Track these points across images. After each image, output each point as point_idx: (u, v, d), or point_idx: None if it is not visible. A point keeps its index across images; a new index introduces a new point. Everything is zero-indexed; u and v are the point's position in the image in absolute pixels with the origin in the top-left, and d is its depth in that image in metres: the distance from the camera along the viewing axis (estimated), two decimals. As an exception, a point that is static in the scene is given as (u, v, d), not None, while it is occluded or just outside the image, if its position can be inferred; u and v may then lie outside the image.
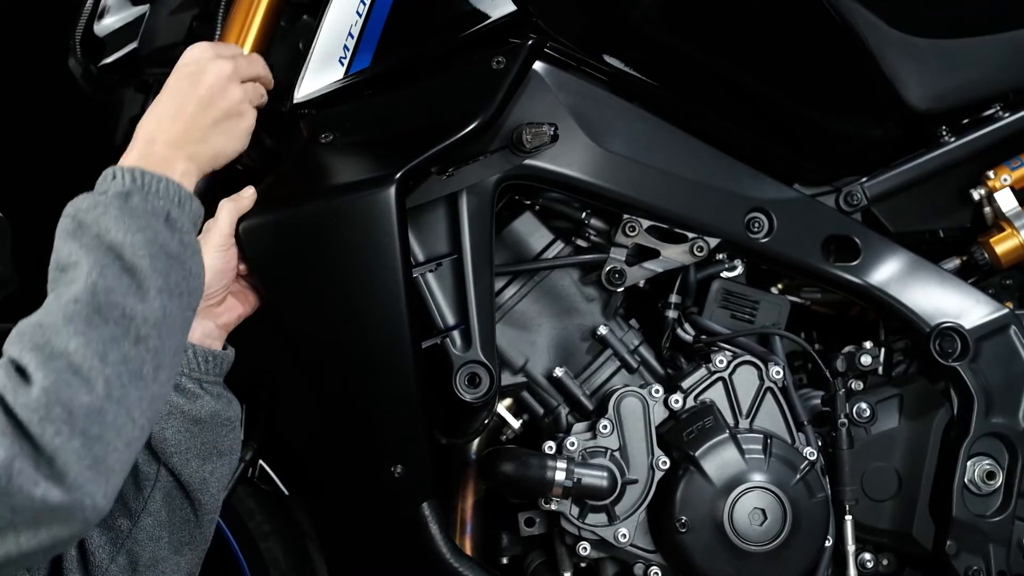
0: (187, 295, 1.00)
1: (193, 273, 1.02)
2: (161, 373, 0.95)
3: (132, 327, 0.93)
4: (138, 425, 0.92)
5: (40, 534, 0.87)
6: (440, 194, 1.35)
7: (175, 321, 0.98)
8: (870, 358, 1.49)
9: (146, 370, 0.93)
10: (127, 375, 0.91)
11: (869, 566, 1.48)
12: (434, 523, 1.39)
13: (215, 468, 1.20)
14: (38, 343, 0.90)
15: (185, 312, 1.00)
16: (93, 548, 1.17)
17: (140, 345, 0.93)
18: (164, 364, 0.95)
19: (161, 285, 0.96)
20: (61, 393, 0.87)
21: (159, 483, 1.18)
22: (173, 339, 0.97)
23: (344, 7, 1.35)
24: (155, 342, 0.94)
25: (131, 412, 0.91)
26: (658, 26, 1.42)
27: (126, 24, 1.47)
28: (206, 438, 1.19)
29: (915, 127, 1.51)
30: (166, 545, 1.19)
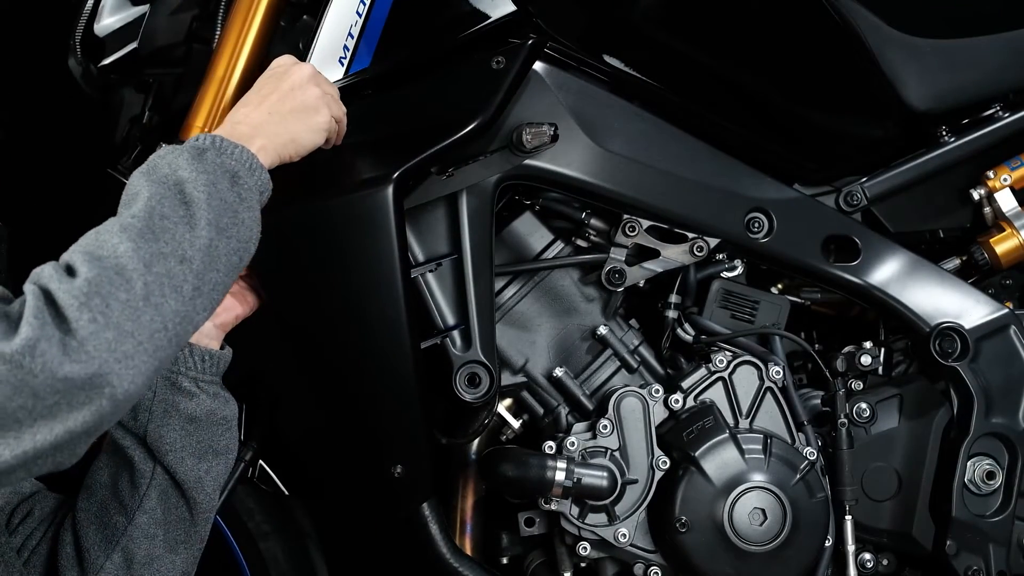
0: (235, 240, 1.05)
1: (244, 223, 1.06)
2: (199, 298, 0.99)
3: (179, 248, 0.98)
4: (169, 335, 0.95)
5: (56, 426, 0.89)
6: (440, 194, 1.35)
7: (219, 257, 1.02)
8: (870, 358, 1.49)
9: (186, 288, 0.98)
10: (168, 287, 0.96)
11: (869, 566, 1.48)
12: (434, 523, 1.39)
13: (211, 467, 1.21)
14: (89, 247, 0.95)
15: (231, 257, 1.04)
16: (88, 546, 1.18)
17: (184, 264, 0.98)
18: (203, 290, 1.00)
19: (211, 219, 1.02)
20: (103, 286, 0.92)
21: (155, 481, 1.19)
22: (215, 272, 1.02)
23: (344, 7, 1.35)
24: (198, 265, 0.99)
25: (166, 321, 0.95)
26: (658, 26, 1.42)
27: (126, 24, 1.47)
28: (201, 437, 1.20)
29: (915, 127, 1.51)
30: (161, 543, 1.19)
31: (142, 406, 1.17)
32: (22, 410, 0.87)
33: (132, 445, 1.18)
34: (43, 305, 0.89)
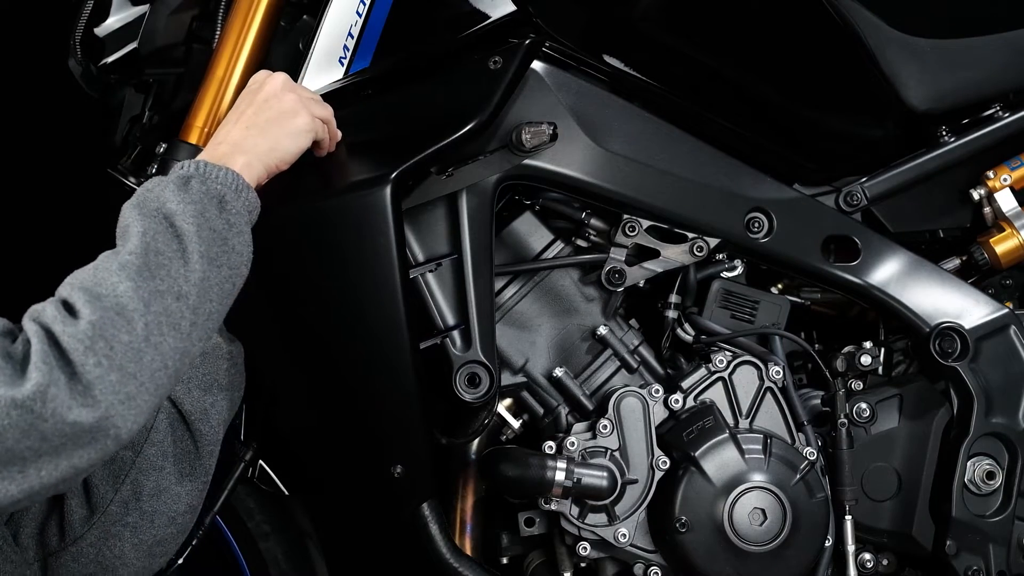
0: (226, 268, 1.07)
1: (234, 250, 1.08)
2: (196, 331, 1.02)
3: (176, 285, 1.01)
4: (169, 372, 0.98)
5: (61, 463, 0.92)
6: (440, 194, 1.35)
7: (212, 288, 1.05)
8: (870, 358, 1.49)
9: (184, 324, 1.00)
10: (167, 325, 0.99)
11: (869, 566, 1.48)
12: (434, 523, 1.39)
13: (215, 400, 1.26)
14: (88, 285, 0.97)
15: (223, 285, 1.06)
16: (96, 481, 1.21)
17: (181, 301, 1.01)
18: (199, 323, 1.02)
19: (203, 251, 1.04)
20: (106, 329, 0.94)
21: (162, 413, 1.23)
22: (210, 303, 1.04)
23: (344, 7, 1.35)
24: (194, 300, 1.02)
25: (165, 359, 0.98)
26: (658, 26, 1.42)
27: (126, 24, 1.47)
28: (207, 370, 1.25)
29: (915, 127, 1.51)
30: (168, 475, 1.23)
31: None
32: (29, 450, 0.91)
33: None
34: (48, 348, 0.92)
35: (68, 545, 1.19)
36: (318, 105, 1.27)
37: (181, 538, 1.28)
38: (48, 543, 1.20)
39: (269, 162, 1.19)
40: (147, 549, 1.23)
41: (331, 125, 1.29)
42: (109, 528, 1.20)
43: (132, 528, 1.22)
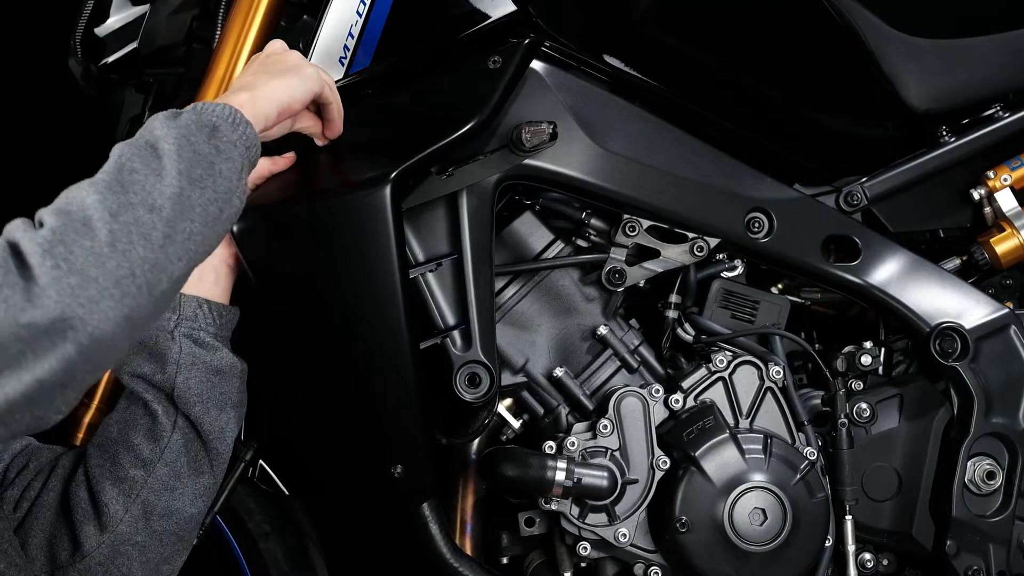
0: (211, 191, 1.02)
1: (222, 175, 1.04)
2: (171, 246, 0.97)
3: (149, 198, 0.97)
4: (138, 282, 0.93)
5: (24, 376, 0.87)
6: (440, 194, 1.35)
7: (193, 207, 1.00)
8: (870, 358, 1.49)
9: (156, 235, 0.96)
10: (136, 234, 0.94)
11: (869, 566, 1.48)
12: (434, 523, 1.39)
13: (229, 419, 1.26)
14: (59, 203, 0.94)
15: (208, 207, 1.02)
16: (106, 500, 1.20)
17: (153, 213, 0.96)
18: (176, 239, 0.98)
19: (182, 169, 1.00)
20: (67, 235, 0.91)
21: (176, 433, 1.22)
22: (189, 223, 0.99)
23: (344, 7, 1.35)
24: (168, 214, 0.97)
25: (134, 267, 0.93)
26: (658, 26, 1.42)
27: (126, 24, 1.47)
28: (224, 388, 1.25)
29: (915, 127, 1.51)
30: (180, 496, 1.23)
31: (169, 359, 1.21)
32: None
33: (156, 399, 1.22)
34: (8, 256, 0.89)
35: (76, 561, 1.19)
36: (324, 71, 1.27)
37: (186, 553, 1.27)
38: (57, 557, 1.19)
39: (280, 98, 1.17)
40: (154, 567, 1.23)
41: (336, 97, 1.28)
42: (118, 547, 1.20)
43: (141, 547, 1.21)
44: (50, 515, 1.20)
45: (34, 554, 1.19)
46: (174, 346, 1.22)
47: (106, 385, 1.38)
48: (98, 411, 1.38)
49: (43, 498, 1.21)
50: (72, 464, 1.24)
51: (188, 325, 1.23)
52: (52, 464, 1.24)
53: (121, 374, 1.24)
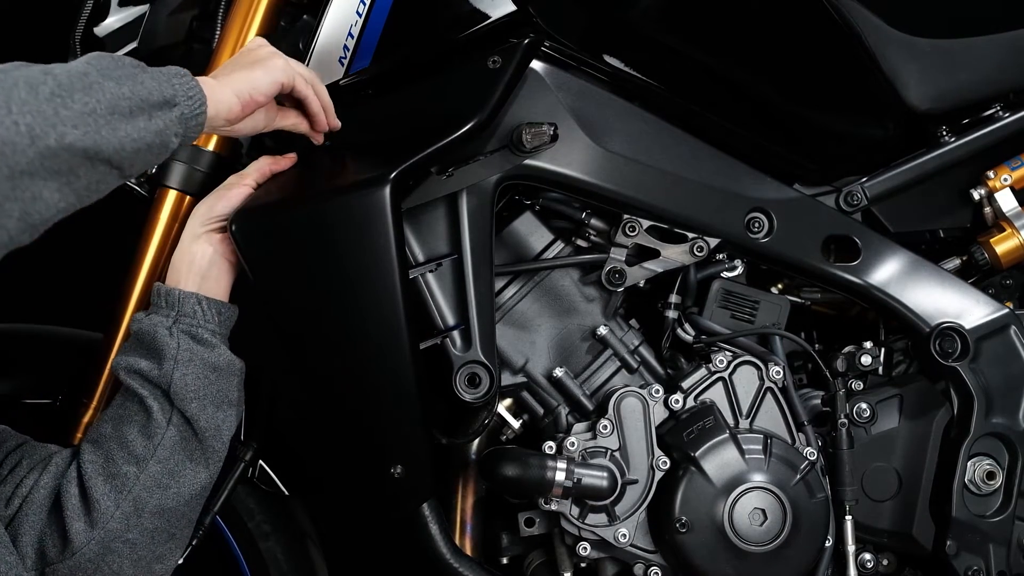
0: (127, 88, 1.03)
1: (142, 84, 1.04)
2: (63, 109, 0.97)
3: (47, 68, 0.99)
4: (13, 118, 0.95)
5: None
6: (440, 194, 1.35)
7: (100, 91, 1.01)
8: (870, 358, 1.49)
9: (43, 89, 0.97)
10: (23, 82, 0.96)
11: (869, 566, 1.48)
12: (434, 523, 1.39)
13: (226, 417, 1.25)
14: None
15: (119, 101, 1.02)
16: (97, 496, 1.19)
17: (48, 75, 0.98)
18: (71, 105, 0.98)
19: (92, 63, 1.02)
20: None
21: (171, 429, 1.21)
22: (90, 99, 1.00)
23: (344, 7, 1.35)
24: (64, 79, 0.98)
25: (10, 103, 0.95)
26: (658, 26, 1.42)
27: (126, 24, 1.47)
28: (221, 386, 1.24)
29: (915, 127, 1.51)
30: (173, 494, 1.22)
31: (167, 355, 1.21)
32: None
33: (151, 394, 1.21)
34: None
35: (66, 558, 1.18)
36: (300, 66, 1.26)
37: (180, 552, 1.27)
38: (47, 554, 1.19)
39: (239, 87, 1.17)
40: (146, 565, 1.22)
41: (318, 86, 1.28)
42: (109, 544, 1.19)
43: (132, 545, 1.20)
44: (41, 512, 1.19)
45: (24, 551, 1.18)
46: (172, 342, 1.21)
47: (104, 386, 1.38)
48: (96, 412, 1.38)
49: (34, 495, 1.20)
50: (66, 461, 1.23)
51: (187, 321, 1.23)
52: (45, 461, 1.23)
53: (117, 370, 1.24)
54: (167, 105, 1.06)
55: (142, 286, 1.37)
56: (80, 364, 1.41)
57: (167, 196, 1.37)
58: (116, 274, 1.39)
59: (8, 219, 0.97)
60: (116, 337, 1.37)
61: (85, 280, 1.54)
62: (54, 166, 0.97)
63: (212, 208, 1.28)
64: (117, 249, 1.42)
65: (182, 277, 1.26)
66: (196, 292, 1.25)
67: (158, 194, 1.38)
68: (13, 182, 0.95)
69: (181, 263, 1.27)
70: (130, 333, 1.26)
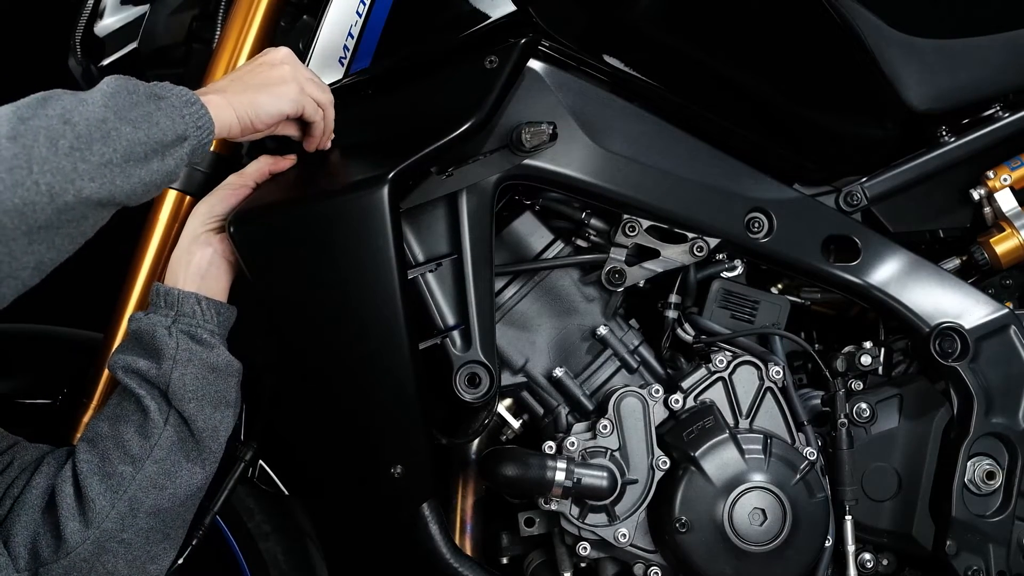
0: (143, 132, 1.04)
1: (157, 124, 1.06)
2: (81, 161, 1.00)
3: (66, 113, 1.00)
4: (34, 178, 0.97)
5: None
6: (440, 194, 1.35)
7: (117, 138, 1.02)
8: (870, 358, 1.49)
9: (63, 143, 0.99)
10: (43, 137, 0.98)
11: (869, 566, 1.48)
12: (434, 523, 1.39)
13: (224, 417, 1.25)
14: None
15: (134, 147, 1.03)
16: (93, 496, 1.18)
17: (67, 125, 0.99)
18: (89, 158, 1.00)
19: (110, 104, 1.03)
20: None
21: (168, 430, 1.21)
22: (108, 149, 1.02)
23: (344, 7, 1.35)
24: (83, 130, 1.00)
25: (31, 163, 0.97)
26: (658, 26, 1.42)
27: (126, 24, 1.47)
28: (219, 387, 1.24)
29: (915, 127, 1.51)
30: (170, 495, 1.21)
31: (166, 355, 1.21)
32: None
33: (149, 394, 1.21)
34: None
35: (60, 558, 1.17)
36: (316, 87, 1.26)
37: (175, 553, 1.26)
38: (40, 554, 1.18)
39: (241, 111, 1.18)
40: (140, 565, 1.21)
41: (328, 111, 1.29)
42: (104, 544, 1.18)
43: (127, 545, 1.20)
44: (34, 512, 1.19)
45: (17, 551, 1.17)
46: (171, 342, 1.21)
47: (103, 386, 1.38)
48: (96, 411, 1.38)
49: (26, 495, 1.19)
50: (59, 461, 1.22)
51: (186, 321, 1.23)
52: (37, 462, 1.22)
53: (115, 369, 1.23)
54: (179, 141, 1.09)
55: (142, 286, 1.37)
56: (80, 364, 1.41)
57: (167, 196, 1.37)
58: (116, 274, 1.39)
59: (24, 271, 1.00)
60: (116, 337, 1.37)
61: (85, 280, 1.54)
62: (68, 217, 1.00)
63: (212, 208, 1.28)
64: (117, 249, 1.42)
65: (181, 277, 1.26)
66: (195, 292, 1.25)
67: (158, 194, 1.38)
68: (30, 237, 0.98)
69: (180, 263, 1.27)
70: (128, 332, 1.26)
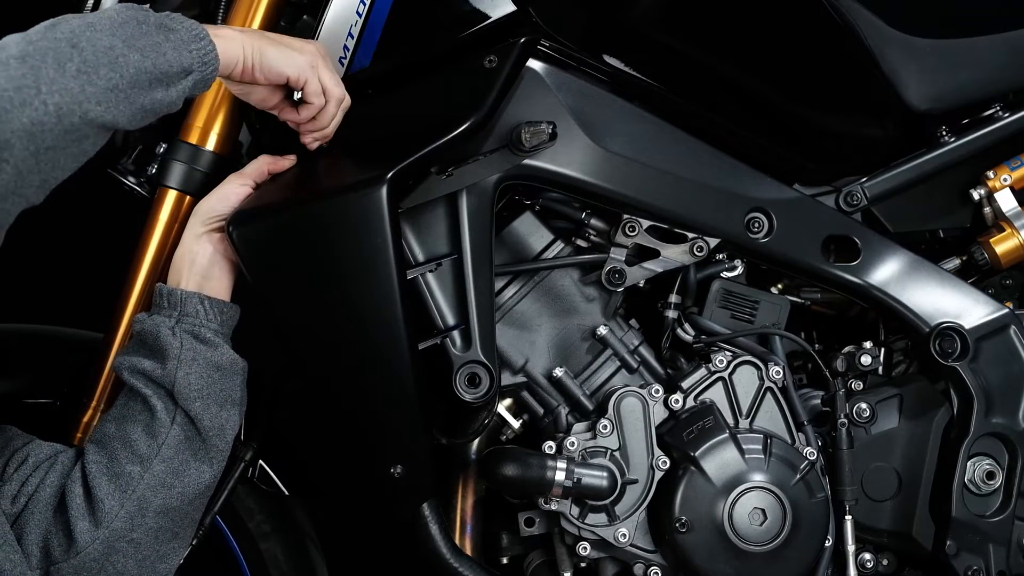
0: (150, 61, 1.06)
1: (164, 55, 1.07)
2: (89, 86, 1.01)
3: (73, 37, 1.02)
4: (42, 98, 0.98)
5: None
6: (440, 194, 1.35)
7: (125, 65, 1.04)
8: (870, 358, 1.49)
9: (70, 66, 1.00)
10: (51, 58, 0.99)
11: (869, 566, 1.48)
12: (434, 523, 1.39)
13: (230, 416, 1.25)
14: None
15: (140, 75, 1.05)
16: (102, 496, 1.19)
17: (74, 49, 1.01)
18: (96, 82, 1.01)
19: (118, 32, 1.04)
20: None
21: (175, 429, 1.22)
22: (115, 75, 1.03)
23: (344, 7, 1.35)
24: (90, 55, 1.01)
25: (39, 83, 0.98)
26: (658, 26, 1.42)
27: (126, 24, 1.47)
28: (224, 385, 1.24)
29: (915, 127, 1.51)
30: (178, 494, 1.22)
31: (171, 355, 1.21)
32: None
33: (155, 394, 1.22)
34: None
35: (71, 557, 1.18)
36: (331, 77, 1.26)
37: (183, 552, 1.27)
38: (51, 553, 1.19)
39: (249, 51, 1.18)
40: (150, 565, 1.22)
41: (331, 105, 1.28)
42: (113, 543, 1.19)
43: (136, 544, 1.20)
44: (47, 510, 1.19)
45: (30, 550, 1.18)
46: (175, 342, 1.22)
47: (105, 385, 1.38)
48: (96, 412, 1.38)
49: (40, 494, 1.20)
50: (71, 461, 1.23)
51: (190, 321, 1.24)
52: (51, 460, 1.23)
53: (120, 370, 1.24)
54: (183, 74, 1.10)
55: (142, 286, 1.37)
56: (80, 364, 1.41)
57: (167, 196, 1.37)
58: (116, 274, 1.39)
59: (29, 189, 1.01)
60: (116, 337, 1.37)
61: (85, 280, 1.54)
62: (73, 137, 1.02)
63: (213, 208, 1.28)
64: (117, 249, 1.42)
65: (183, 277, 1.27)
66: (198, 292, 1.25)
67: (158, 194, 1.38)
68: (38, 157, 1.00)
69: (182, 263, 1.27)
70: (132, 333, 1.26)
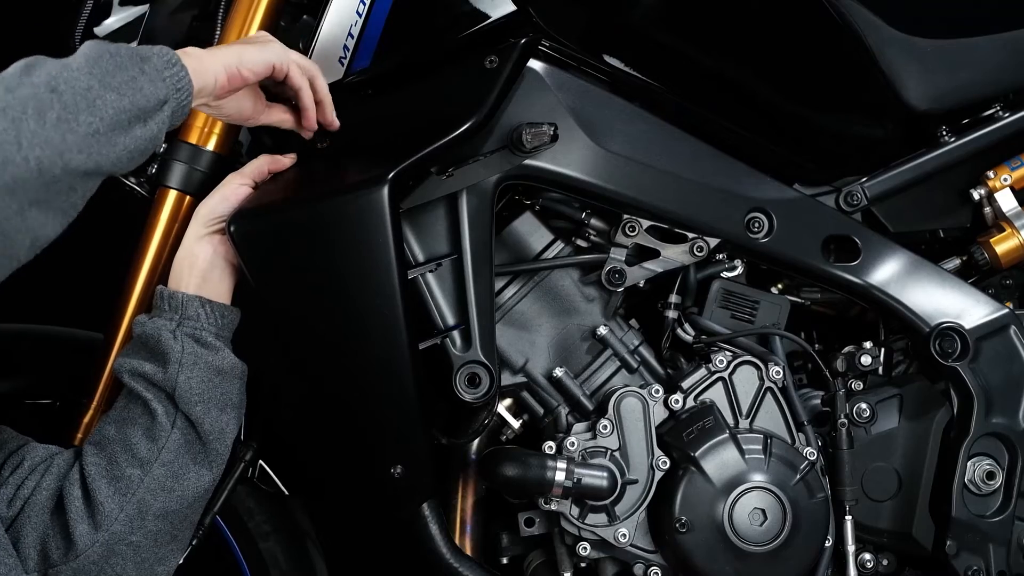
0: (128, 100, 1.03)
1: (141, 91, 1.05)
2: (69, 134, 0.99)
3: (52, 82, 0.99)
4: (23, 154, 0.96)
5: None
6: (440, 194, 1.35)
7: (103, 106, 1.01)
8: (870, 358, 1.49)
9: (51, 115, 0.98)
10: (31, 108, 0.97)
11: (869, 566, 1.48)
12: (434, 523, 1.39)
13: (230, 419, 1.26)
14: None
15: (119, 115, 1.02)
16: (101, 499, 1.19)
17: (54, 95, 0.98)
18: (76, 129, 0.99)
19: (95, 72, 1.01)
20: None
21: (175, 433, 1.22)
22: (95, 119, 1.01)
23: (344, 7, 1.35)
24: (69, 99, 0.99)
25: (20, 137, 0.96)
26: (658, 26, 1.42)
27: (126, 24, 1.47)
28: (225, 389, 1.24)
29: (915, 127, 1.51)
30: (178, 497, 1.22)
31: (171, 359, 1.21)
32: None
33: (156, 398, 1.21)
34: None
35: (69, 560, 1.18)
36: (300, 57, 1.26)
37: (182, 554, 1.27)
38: (49, 556, 1.19)
39: (227, 61, 1.17)
40: (149, 567, 1.22)
41: (317, 80, 1.28)
42: (112, 546, 1.19)
43: (135, 547, 1.20)
44: (43, 513, 1.19)
45: (26, 553, 1.18)
46: (176, 345, 1.22)
47: (104, 386, 1.38)
48: (96, 412, 1.38)
49: (36, 496, 1.20)
50: (68, 463, 1.23)
51: (191, 325, 1.23)
52: (47, 463, 1.23)
53: (121, 372, 1.24)
54: (159, 105, 1.08)
55: (142, 286, 1.37)
56: (80, 364, 1.41)
57: (167, 196, 1.37)
58: (116, 274, 1.39)
59: (20, 249, 1.00)
60: (116, 337, 1.37)
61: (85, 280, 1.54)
62: (57, 189, 0.99)
63: (213, 209, 1.28)
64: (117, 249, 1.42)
65: (184, 279, 1.26)
66: (198, 295, 1.25)
67: (158, 194, 1.38)
68: (23, 215, 0.98)
69: (183, 265, 1.27)
70: (132, 336, 1.26)
